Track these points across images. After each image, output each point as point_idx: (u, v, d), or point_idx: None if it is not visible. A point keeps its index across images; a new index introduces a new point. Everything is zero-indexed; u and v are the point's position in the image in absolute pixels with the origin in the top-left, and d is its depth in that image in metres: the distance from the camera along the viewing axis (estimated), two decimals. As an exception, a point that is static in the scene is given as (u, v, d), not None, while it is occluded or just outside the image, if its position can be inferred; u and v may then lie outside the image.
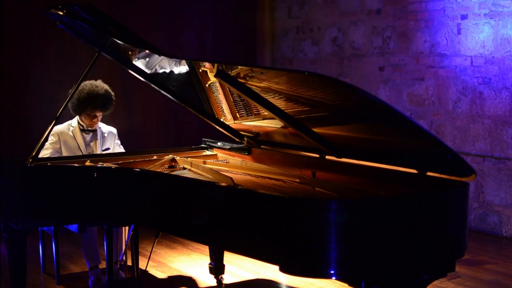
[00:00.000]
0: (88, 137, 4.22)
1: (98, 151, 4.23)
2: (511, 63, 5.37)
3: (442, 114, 5.92)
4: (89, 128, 4.21)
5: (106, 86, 4.16)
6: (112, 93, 4.18)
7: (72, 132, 4.19)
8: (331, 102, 3.00)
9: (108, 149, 4.29)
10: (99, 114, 4.17)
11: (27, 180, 3.50)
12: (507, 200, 5.52)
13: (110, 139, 4.33)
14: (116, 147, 4.38)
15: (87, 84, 4.11)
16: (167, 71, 3.95)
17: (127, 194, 3.33)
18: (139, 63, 3.87)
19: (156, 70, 3.92)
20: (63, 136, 4.17)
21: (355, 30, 6.67)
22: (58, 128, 4.15)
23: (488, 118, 5.56)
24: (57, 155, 4.12)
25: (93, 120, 4.17)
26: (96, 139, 4.24)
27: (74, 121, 4.22)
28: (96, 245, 4.20)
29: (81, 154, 4.14)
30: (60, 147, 4.16)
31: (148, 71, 3.90)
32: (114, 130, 4.39)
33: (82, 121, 4.20)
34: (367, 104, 2.79)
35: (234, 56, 7.35)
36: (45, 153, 4.11)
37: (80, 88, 4.07)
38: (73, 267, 4.69)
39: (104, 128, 4.34)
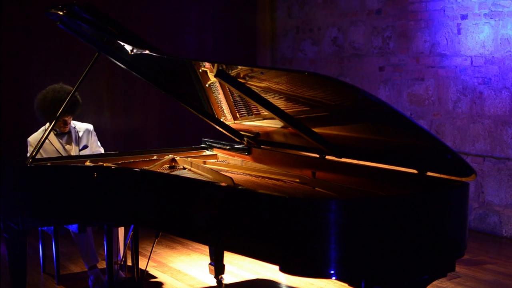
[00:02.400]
0: (63, 140, 4.23)
1: (76, 152, 4.23)
2: (511, 63, 5.37)
3: (442, 114, 5.92)
4: (62, 131, 4.21)
5: (68, 89, 4.10)
6: (77, 95, 4.12)
7: (48, 138, 4.18)
8: (331, 102, 3.00)
9: (85, 146, 4.27)
10: (68, 118, 4.16)
11: (27, 180, 3.51)
12: (507, 200, 5.52)
13: (86, 137, 4.32)
14: (94, 144, 4.37)
15: (49, 91, 4.09)
16: (167, 71, 3.95)
17: (127, 194, 3.33)
18: (139, 63, 3.87)
19: (156, 70, 3.92)
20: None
21: (355, 30, 6.67)
22: (34, 136, 4.18)
23: (488, 118, 5.56)
24: None
25: (64, 125, 4.17)
26: (72, 140, 4.24)
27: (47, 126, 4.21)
28: (93, 245, 4.20)
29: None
30: (41, 154, 4.16)
31: (148, 71, 3.90)
32: (90, 127, 4.38)
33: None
34: (367, 104, 2.78)
35: (234, 56, 7.34)
36: None
37: (42, 96, 4.07)
38: (73, 267, 4.69)
39: (79, 126, 4.33)
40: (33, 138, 4.17)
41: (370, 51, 6.51)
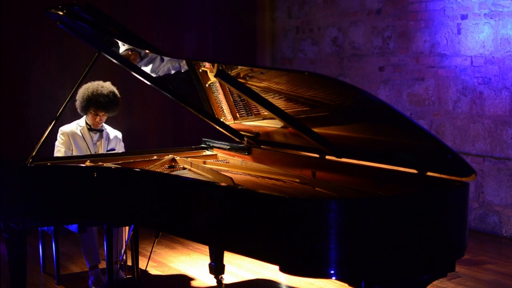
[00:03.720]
0: (95, 136, 4.27)
1: (104, 151, 4.27)
2: (511, 63, 5.37)
3: (442, 114, 5.92)
4: (95, 128, 4.24)
5: (112, 88, 4.21)
6: (118, 96, 4.22)
7: (81, 132, 4.24)
8: (331, 102, 3.00)
9: (113, 149, 4.34)
10: (102, 114, 4.19)
11: (27, 180, 3.51)
12: (507, 200, 5.52)
13: (115, 141, 4.38)
14: (121, 150, 4.42)
15: (94, 83, 4.18)
16: (167, 71, 3.95)
17: (127, 194, 3.33)
18: (139, 63, 3.87)
19: (155, 70, 3.92)
20: (73, 135, 4.21)
21: (355, 30, 6.67)
22: (68, 127, 4.23)
23: (488, 118, 5.56)
24: (69, 153, 4.16)
25: (96, 119, 4.20)
26: (103, 139, 4.29)
27: (82, 121, 4.28)
28: (96, 245, 4.21)
29: (89, 152, 4.20)
30: (71, 146, 4.21)
31: (148, 71, 3.90)
32: (119, 135, 4.44)
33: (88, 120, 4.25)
34: (367, 104, 2.78)
35: (234, 56, 7.34)
36: (60, 153, 4.19)
37: (86, 86, 4.12)
38: (73, 267, 4.69)
39: (110, 131, 4.40)
40: (66, 128, 4.22)
41: (370, 51, 6.51)
